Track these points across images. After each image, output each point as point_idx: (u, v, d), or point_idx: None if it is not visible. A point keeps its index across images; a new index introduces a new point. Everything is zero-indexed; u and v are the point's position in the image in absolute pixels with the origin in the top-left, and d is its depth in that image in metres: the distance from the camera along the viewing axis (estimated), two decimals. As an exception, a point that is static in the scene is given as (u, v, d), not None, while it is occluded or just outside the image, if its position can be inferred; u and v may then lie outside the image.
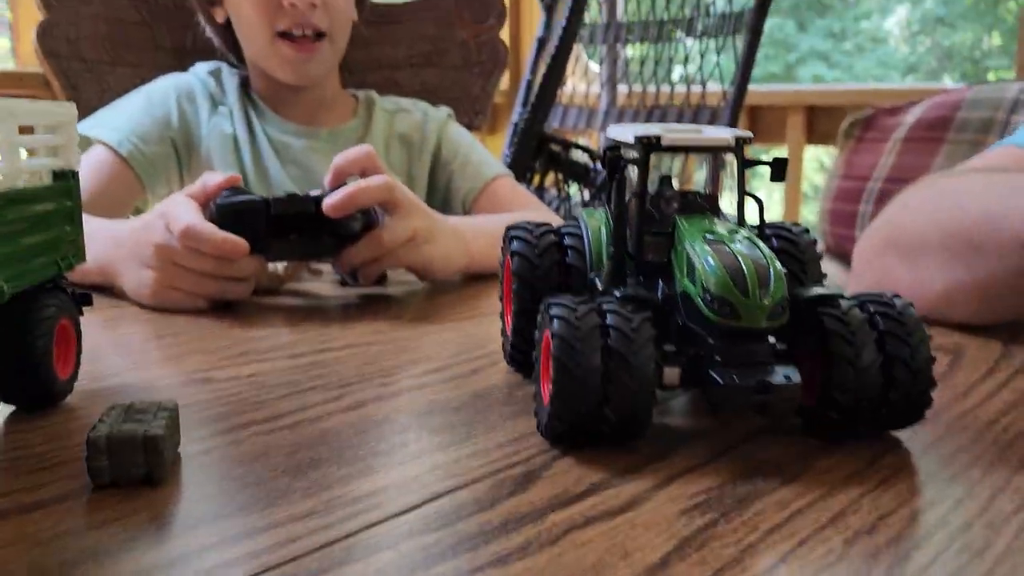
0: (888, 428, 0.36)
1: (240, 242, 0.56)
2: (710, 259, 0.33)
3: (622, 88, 1.78)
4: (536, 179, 1.19)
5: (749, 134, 0.37)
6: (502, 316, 0.45)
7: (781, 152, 1.89)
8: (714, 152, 0.38)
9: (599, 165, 1.22)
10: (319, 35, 0.84)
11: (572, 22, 1.13)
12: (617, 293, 0.34)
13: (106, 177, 0.80)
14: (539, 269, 0.41)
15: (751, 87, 1.48)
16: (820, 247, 0.42)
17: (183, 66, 0.94)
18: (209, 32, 0.93)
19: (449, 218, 0.69)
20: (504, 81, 1.95)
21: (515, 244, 0.42)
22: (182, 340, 0.52)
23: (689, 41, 1.64)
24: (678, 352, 0.34)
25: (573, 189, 1.26)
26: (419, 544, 0.27)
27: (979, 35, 7.41)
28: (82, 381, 0.41)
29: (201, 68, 0.90)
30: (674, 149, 0.36)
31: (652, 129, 0.36)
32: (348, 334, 0.53)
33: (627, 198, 0.37)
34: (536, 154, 1.17)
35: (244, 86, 0.90)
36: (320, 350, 0.49)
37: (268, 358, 0.48)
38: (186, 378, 0.44)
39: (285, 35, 0.83)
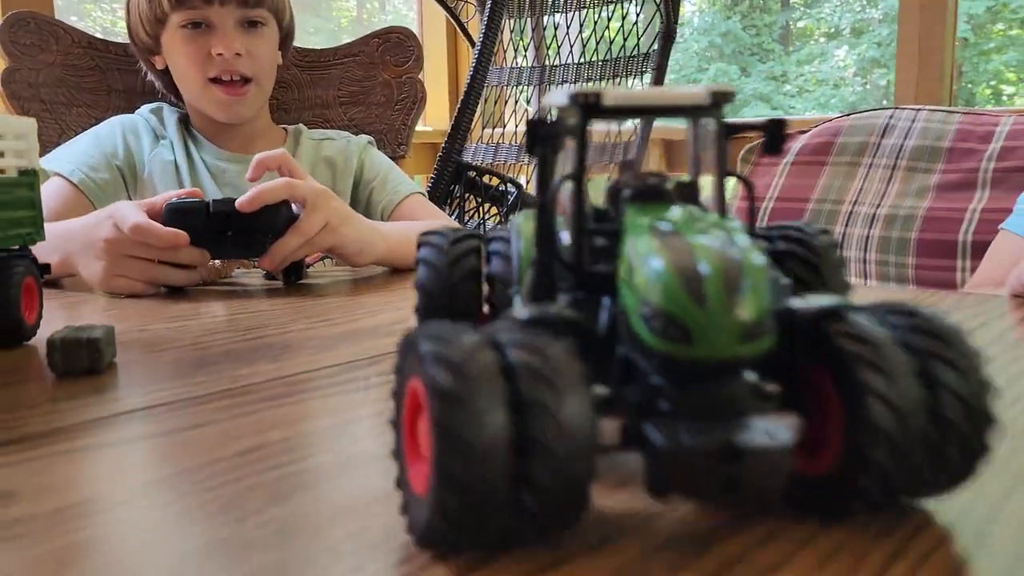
0: (936, 492, 0.25)
1: (181, 234, 0.68)
2: (654, 257, 0.22)
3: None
4: (455, 204, 1.33)
5: (731, 89, 0.26)
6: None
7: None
8: (680, 114, 0.26)
9: (510, 186, 1.36)
10: (246, 80, 0.97)
11: (480, 62, 1.28)
12: (522, 315, 0.24)
13: (62, 202, 0.92)
14: (449, 282, 0.32)
15: (666, 123, 1.65)
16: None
17: (132, 106, 1.06)
18: (151, 76, 1.06)
19: (363, 216, 0.82)
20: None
21: (423, 251, 0.34)
22: (128, 312, 0.64)
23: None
24: (617, 397, 0.23)
25: (491, 213, 1.40)
26: (277, 393, 0.39)
27: (910, 75, 7.78)
28: (42, 332, 0.53)
29: (144, 108, 1.03)
30: (621, 112, 0.25)
31: (591, 89, 0.25)
32: (262, 304, 0.66)
33: (560, 181, 0.26)
34: (455, 179, 1.31)
35: (184, 121, 1.03)
36: (238, 312, 0.62)
37: (195, 317, 0.60)
38: (127, 325, 0.56)
39: (216, 80, 0.96)
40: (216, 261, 0.77)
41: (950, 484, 0.24)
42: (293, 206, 0.74)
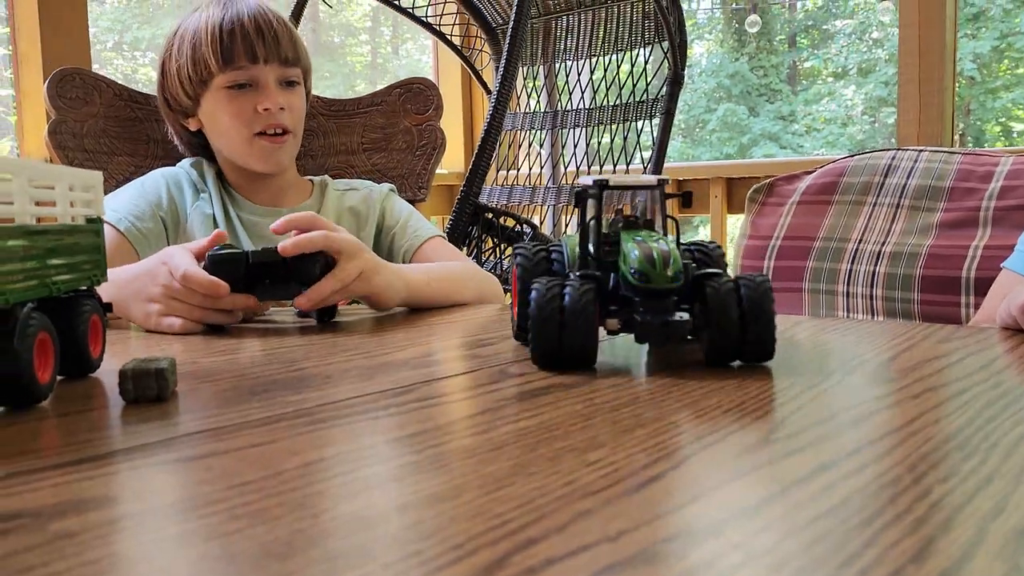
0: (750, 361, 0.55)
1: (223, 285, 0.74)
2: (634, 249, 0.53)
3: (561, 169, 2.01)
4: (472, 244, 1.38)
5: (667, 178, 0.59)
6: (510, 307, 0.72)
7: (705, 218, 2.11)
8: (645, 189, 0.59)
9: (526, 227, 1.41)
10: (284, 131, 1.04)
11: (497, 109, 1.34)
12: (574, 275, 0.56)
13: (110, 250, 0.98)
14: (532, 267, 0.62)
15: (682, 164, 1.71)
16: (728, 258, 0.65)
17: (169, 154, 1.13)
18: (176, 141, 1.12)
19: (389, 263, 0.88)
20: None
21: (518, 257, 0.63)
22: (176, 348, 0.69)
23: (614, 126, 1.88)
24: (618, 310, 0.54)
25: (507, 254, 1.45)
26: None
27: (918, 114, 7.86)
28: (104, 366, 0.58)
29: (185, 162, 1.10)
30: (617, 187, 0.58)
31: (604, 176, 0.58)
32: (299, 339, 0.70)
33: (589, 220, 0.58)
34: (472, 220, 1.36)
35: (219, 176, 1.09)
36: (279, 347, 0.67)
37: (239, 351, 0.65)
38: (180, 359, 0.61)
39: (260, 134, 1.03)
40: None
41: (755, 358, 0.55)
42: (330, 258, 0.79)
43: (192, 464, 0.37)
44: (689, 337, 0.55)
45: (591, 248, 0.57)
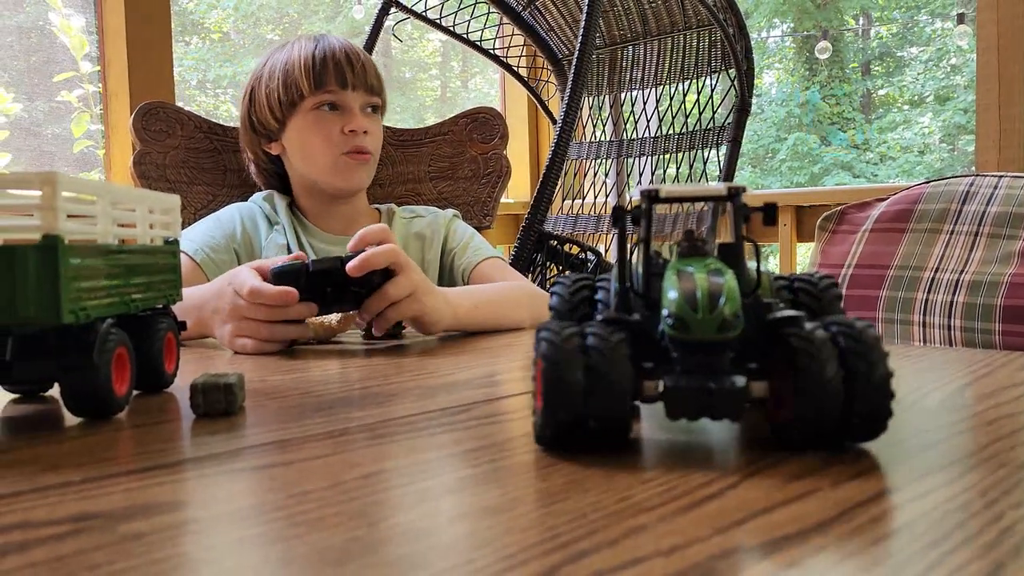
0: (853, 440, 0.39)
1: (290, 291, 0.76)
2: (672, 286, 0.37)
3: (627, 197, 2.00)
4: (537, 271, 1.39)
5: (743, 185, 0.41)
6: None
7: (774, 247, 2.07)
8: (709, 201, 0.46)
9: (589, 254, 1.41)
10: (365, 153, 1.09)
11: (561, 138, 1.36)
12: (599, 317, 0.39)
13: (184, 278, 1.02)
14: (571, 306, 0.46)
15: (749, 192, 1.69)
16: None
17: (244, 182, 1.17)
18: (252, 169, 1.16)
19: (439, 287, 0.89)
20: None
21: (554, 297, 0.47)
22: (247, 367, 0.71)
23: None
24: (656, 368, 0.38)
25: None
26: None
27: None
28: (178, 382, 0.60)
29: (258, 196, 1.14)
30: (671, 200, 0.41)
31: (654, 186, 0.42)
32: (364, 360, 0.72)
33: (635, 244, 0.42)
34: (537, 248, 1.37)
35: (291, 207, 1.13)
36: (344, 367, 0.68)
37: (307, 371, 0.66)
38: (249, 377, 0.63)
39: (346, 155, 1.08)
40: (333, 320, 0.84)
41: (859, 438, 0.39)
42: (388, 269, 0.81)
43: (256, 474, 0.38)
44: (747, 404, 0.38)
45: (635, 282, 0.42)
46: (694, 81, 1.89)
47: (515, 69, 2.16)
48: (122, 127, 1.56)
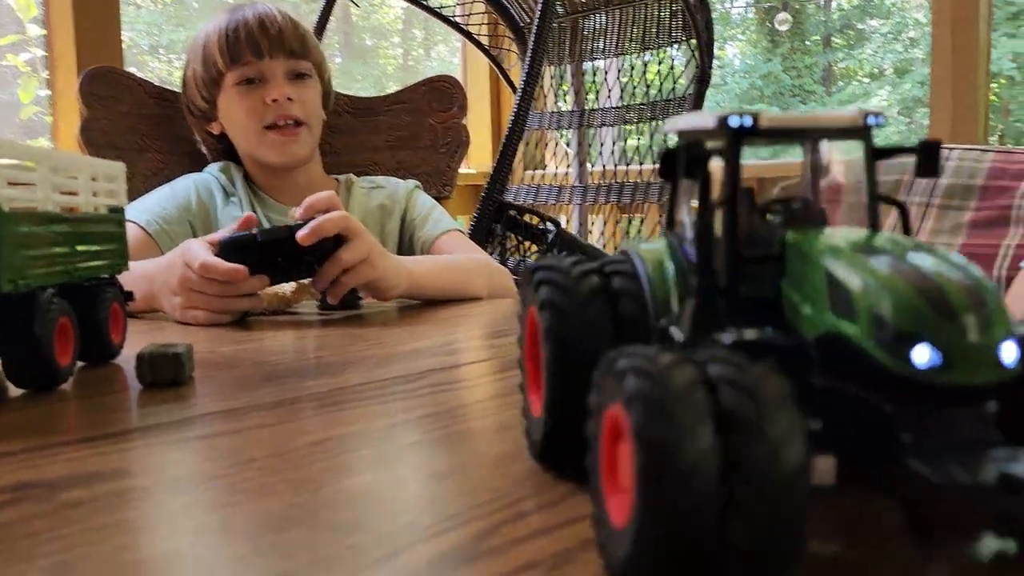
0: None
1: (240, 268, 0.75)
2: (874, 276, 0.22)
3: (588, 168, 2.01)
4: (496, 241, 1.38)
5: (880, 112, 0.26)
6: (523, 389, 0.33)
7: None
8: (829, 137, 0.27)
9: (549, 225, 1.41)
10: (298, 123, 1.06)
11: (521, 106, 1.35)
12: (725, 339, 0.23)
13: (137, 249, 1.00)
14: (585, 323, 0.28)
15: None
16: None
17: (197, 151, 1.14)
18: (203, 147, 1.14)
19: (392, 254, 0.88)
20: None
21: (544, 291, 0.29)
22: (198, 337, 0.70)
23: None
24: (826, 431, 0.22)
25: (531, 251, 1.45)
26: (338, 399, 0.44)
27: (955, 115, 7.78)
28: (125, 352, 0.59)
29: (213, 167, 1.11)
30: (776, 134, 0.25)
31: (743, 110, 0.25)
32: (319, 331, 0.71)
33: (716, 203, 0.25)
34: (496, 218, 1.37)
35: (246, 178, 1.11)
36: (299, 337, 0.67)
37: (259, 341, 0.66)
38: (200, 348, 0.62)
39: (271, 127, 1.04)
40: (287, 290, 0.83)
41: None
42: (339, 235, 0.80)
43: (202, 442, 0.38)
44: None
45: (721, 269, 0.25)
46: (655, 52, 1.89)
47: (476, 37, 2.14)
48: (68, 93, 1.52)
